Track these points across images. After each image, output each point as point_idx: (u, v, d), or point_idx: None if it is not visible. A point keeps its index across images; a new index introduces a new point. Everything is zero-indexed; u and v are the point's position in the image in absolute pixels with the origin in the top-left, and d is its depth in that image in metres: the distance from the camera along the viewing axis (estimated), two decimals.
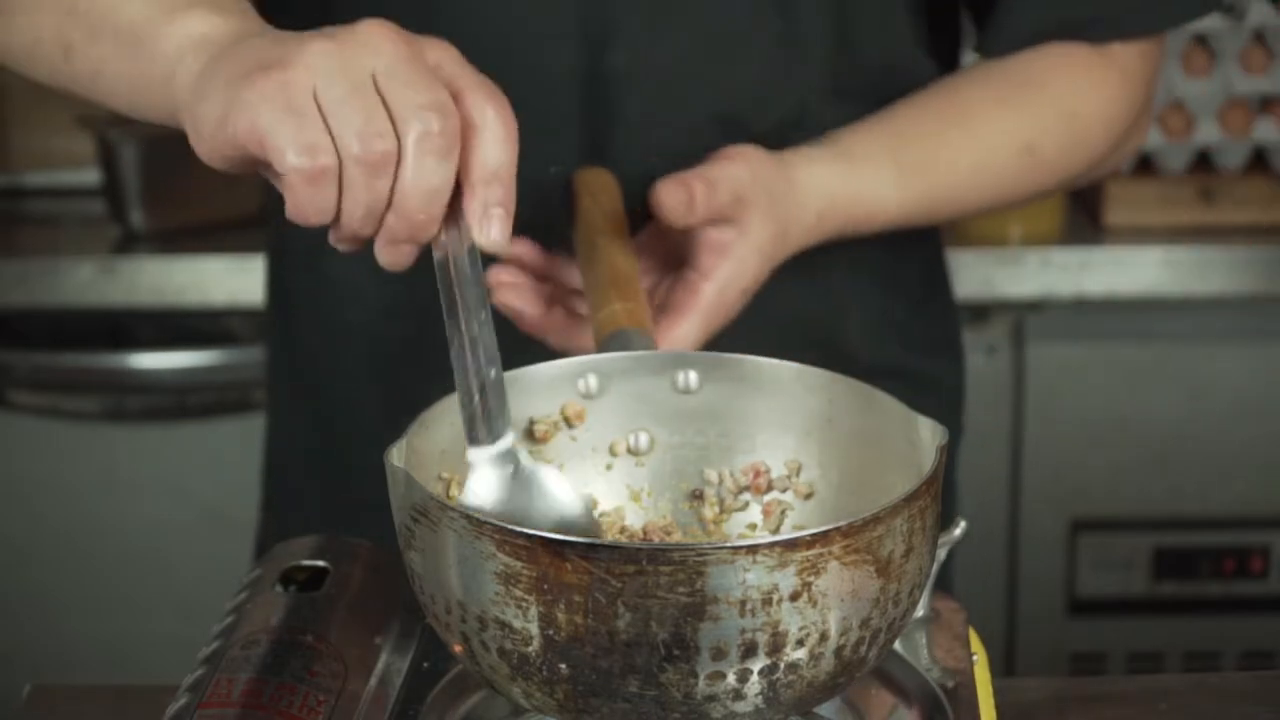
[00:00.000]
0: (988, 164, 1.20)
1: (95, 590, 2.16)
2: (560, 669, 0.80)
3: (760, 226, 1.08)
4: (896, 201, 1.16)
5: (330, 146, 0.85)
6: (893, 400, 0.91)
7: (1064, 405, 2.08)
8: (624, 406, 0.97)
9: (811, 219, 1.12)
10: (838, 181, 1.13)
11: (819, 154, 1.13)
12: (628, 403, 0.97)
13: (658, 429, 0.97)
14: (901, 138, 1.17)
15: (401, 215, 0.87)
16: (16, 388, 2.11)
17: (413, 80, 0.86)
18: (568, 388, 0.96)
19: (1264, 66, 2.05)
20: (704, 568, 0.77)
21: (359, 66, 0.85)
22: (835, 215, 1.14)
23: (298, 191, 0.85)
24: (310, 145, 0.84)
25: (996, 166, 1.20)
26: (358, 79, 0.85)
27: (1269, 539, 2.10)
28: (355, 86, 0.85)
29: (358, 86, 0.85)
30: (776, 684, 0.81)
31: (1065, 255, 2.01)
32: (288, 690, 0.88)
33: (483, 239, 0.86)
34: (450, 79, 0.87)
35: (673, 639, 0.79)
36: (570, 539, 0.78)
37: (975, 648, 0.97)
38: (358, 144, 0.84)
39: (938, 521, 0.86)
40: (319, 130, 0.85)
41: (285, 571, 0.98)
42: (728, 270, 1.07)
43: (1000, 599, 2.12)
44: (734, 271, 1.07)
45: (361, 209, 0.86)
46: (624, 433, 0.97)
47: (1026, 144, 1.20)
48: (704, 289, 1.07)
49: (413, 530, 0.84)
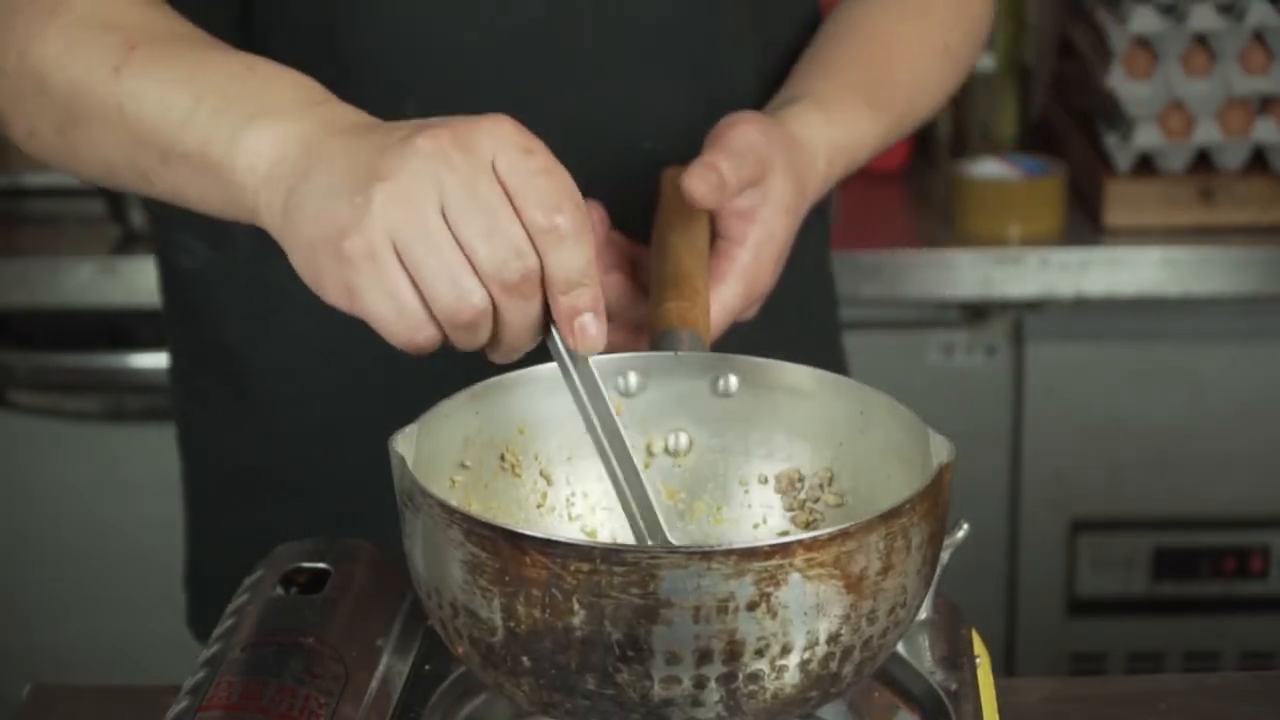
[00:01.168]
0: (923, 76, 1.24)
1: (95, 590, 2.16)
2: (523, 662, 0.81)
3: (782, 185, 1.08)
4: (873, 135, 1.19)
5: (428, 318, 0.87)
6: (910, 413, 0.91)
7: (1064, 405, 2.07)
8: (663, 406, 0.97)
9: (822, 168, 1.13)
10: (828, 130, 1.14)
11: (801, 108, 1.14)
12: (667, 403, 0.97)
13: (696, 430, 0.98)
14: (858, 74, 1.19)
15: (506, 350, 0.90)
16: (16, 388, 2.11)
17: (484, 226, 0.86)
18: (607, 384, 0.96)
19: (1264, 66, 2.05)
20: (657, 571, 0.78)
21: (430, 213, 0.86)
22: (837, 161, 1.15)
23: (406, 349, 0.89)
24: (412, 327, 0.87)
25: (929, 75, 1.24)
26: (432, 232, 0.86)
27: (1269, 539, 2.10)
28: (432, 244, 0.86)
29: (434, 243, 0.86)
30: (737, 693, 0.81)
31: (1065, 255, 2.01)
32: (288, 693, 0.88)
33: (578, 348, 0.89)
34: (514, 191, 0.87)
35: (626, 640, 0.79)
36: (528, 533, 0.79)
37: (978, 650, 0.97)
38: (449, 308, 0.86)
39: (934, 539, 0.85)
40: (414, 305, 0.87)
41: (286, 573, 0.98)
42: (759, 233, 1.07)
43: (1000, 599, 2.12)
44: (765, 233, 1.07)
45: (462, 348, 0.89)
46: (661, 432, 0.98)
47: (943, 45, 1.24)
48: (739, 255, 1.07)
49: (404, 515, 0.85)
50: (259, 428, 1.26)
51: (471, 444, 0.94)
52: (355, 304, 0.88)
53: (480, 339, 0.88)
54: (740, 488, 0.98)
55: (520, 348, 0.90)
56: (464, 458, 0.94)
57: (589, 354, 0.89)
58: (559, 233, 0.86)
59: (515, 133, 0.88)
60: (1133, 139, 2.06)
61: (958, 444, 0.86)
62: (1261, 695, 1.03)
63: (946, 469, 0.85)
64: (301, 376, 1.23)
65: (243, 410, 1.26)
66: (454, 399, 0.92)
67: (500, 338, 0.89)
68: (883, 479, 0.93)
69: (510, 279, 0.86)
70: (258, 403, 1.25)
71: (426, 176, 0.86)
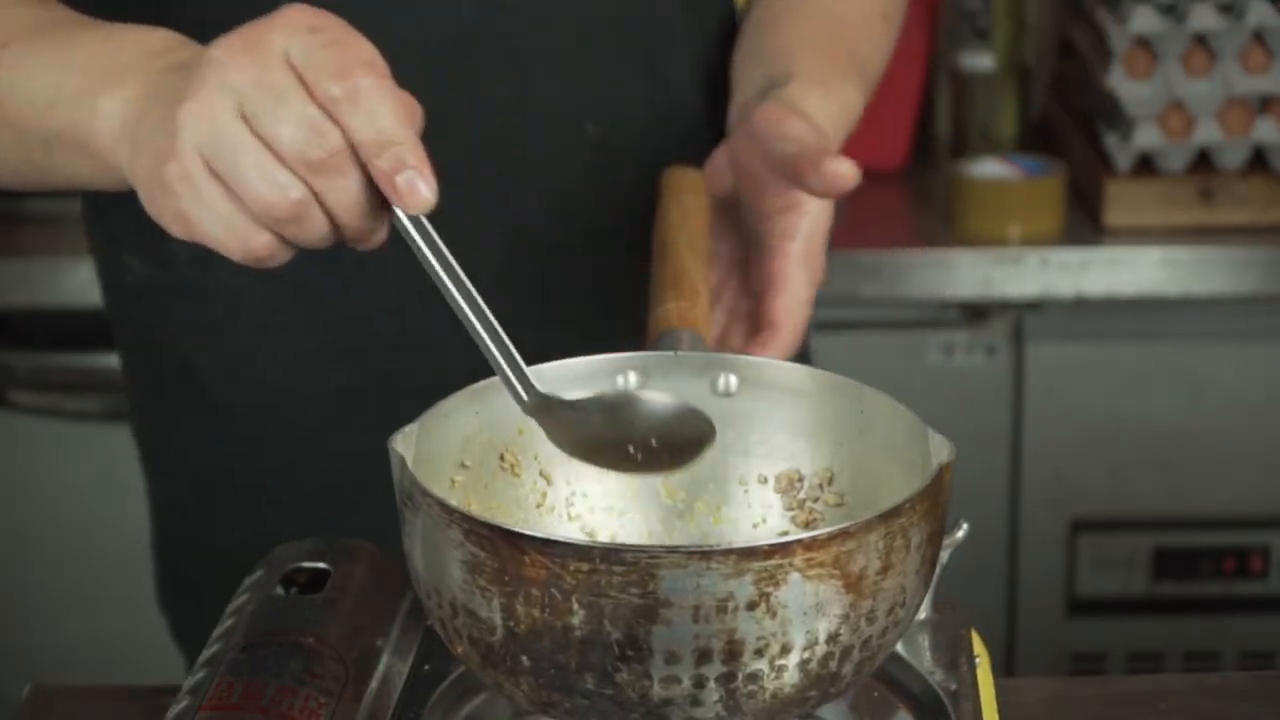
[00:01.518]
0: (877, 44, 1.26)
1: (95, 590, 2.16)
2: (522, 661, 0.81)
3: None
4: (858, 106, 1.20)
5: (254, 224, 0.86)
6: (910, 413, 0.91)
7: (1064, 405, 2.07)
8: None
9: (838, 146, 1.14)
10: (828, 105, 1.15)
11: (799, 88, 1.14)
12: None
13: None
14: (828, 50, 1.20)
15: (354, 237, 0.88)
16: (16, 388, 2.11)
17: (278, 114, 0.85)
18: (605, 384, 0.96)
19: (1264, 66, 2.05)
20: (656, 570, 0.78)
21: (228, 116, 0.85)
22: (840, 136, 1.16)
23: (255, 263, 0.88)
24: (242, 234, 0.86)
25: (880, 43, 1.27)
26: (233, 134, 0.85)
27: (1269, 539, 2.10)
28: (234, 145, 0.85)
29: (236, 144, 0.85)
30: (736, 693, 0.81)
31: (1065, 255, 2.01)
32: (288, 693, 0.88)
33: (407, 207, 0.86)
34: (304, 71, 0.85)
35: (626, 639, 0.79)
36: (527, 533, 0.79)
37: (978, 650, 0.97)
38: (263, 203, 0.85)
39: (933, 539, 0.85)
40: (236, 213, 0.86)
41: (286, 573, 0.98)
42: (807, 223, 1.07)
43: (1000, 599, 2.12)
44: (812, 221, 1.07)
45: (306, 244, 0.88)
46: None
47: (882, 12, 1.27)
48: (794, 249, 1.07)
49: (403, 515, 0.85)
50: (222, 439, 1.25)
51: (471, 444, 0.94)
52: (190, 230, 0.87)
53: (315, 232, 0.87)
54: (740, 487, 0.98)
55: (363, 231, 0.88)
56: (464, 458, 0.94)
57: (420, 212, 0.86)
58: (353, 97, 0.84)
59: (303, 15, 0.86)
60: (1133, 139, 2.06)
61: (958, 444, 0.86)
62: (1261, 695, 1.03)
63: (946, 469, 0.85)
64: (257, 384, 1.23)
65: (205, 423, 1.26)
66: (454, 399, 0.92)
67: (339, 224, 0.87)
68: (883, 479, 0.93)
69: (315, 157, 0.84)
70: (219, 414, 1.25)
71: (222, 85, 0.85)
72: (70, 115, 0.95)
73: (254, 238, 0.86)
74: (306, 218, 0.86)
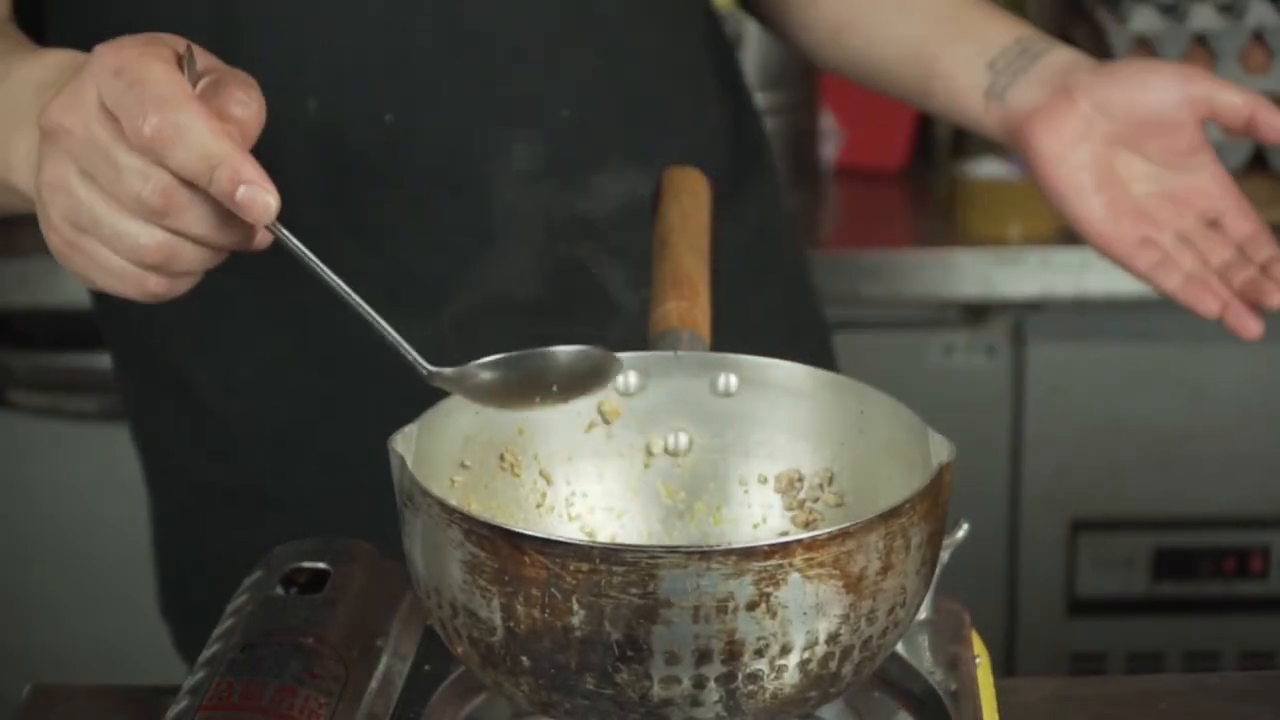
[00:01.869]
0: None
1: (95, 590, 2.16)
2: (522, 661, 0.81)
3: None
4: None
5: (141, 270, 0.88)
6: (910, 413, 0.91)
7: (1064, 405, 2.07)
8: (662, 406, 0.97)
9: None
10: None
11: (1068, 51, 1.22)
12: (666, 402, 0.97)
13: (696, 430, 0.98)
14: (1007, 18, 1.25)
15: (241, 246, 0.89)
16: (16, 388, 2.11)
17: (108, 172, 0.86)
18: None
19: (1264, 66, 2.05)
20: (656, 571, 0.78)
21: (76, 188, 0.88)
22: None
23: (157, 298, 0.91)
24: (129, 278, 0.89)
25: None
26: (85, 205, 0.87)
27: (1269, 539, 2.10)
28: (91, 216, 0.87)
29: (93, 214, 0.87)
30: (736, 693, 0.81)
31: (1065, 255, 2.00)
32: (288, 693, 0.88)
33: (256, 220, 0.86)
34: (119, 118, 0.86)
35: (626, 639, 0.79)
36: (527, 533, 0.79)
37: (978, 650, 0.97)
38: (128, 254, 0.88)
39: (933, 539, 0.85)
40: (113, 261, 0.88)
41: (286, 573, 0.98)
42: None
43: (1000, 599, 2.12)
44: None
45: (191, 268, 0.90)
46: (661, 432, 0.98)
47: None
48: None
49: (403, 515, 0.85)
50: (216, 442, 1.25)
51: (471, 444, 0.94)
52: (92, 284, 0.91)
53: (194, 261, 0.89)
54: (740, 487, 0.98)
55: (241, 242, 0.89)
56: (464, 458, 0.94)
57: (268, 219, 0.86)
58: (163, 133, 0.84)
59: (109, 58, 0.87)
60: None
61: (958, 444, 0.86)
62: (1261, 695, 1.03)
63: (946, 469, 0.85)
64: (247, 387, 1.23)
65: (199, 425, 1.26)
66: (454, 399, 0.92)
67: (211, 246, 0.89)
68: (883, 479, 0.93)
69: (155, 203, 0.86)
70: (212, 417, 1.25)
71: (60, 152, 0.88)
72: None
73: (146, 282, 0.89)
74: (177, 254, 0.88)
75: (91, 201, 0.87)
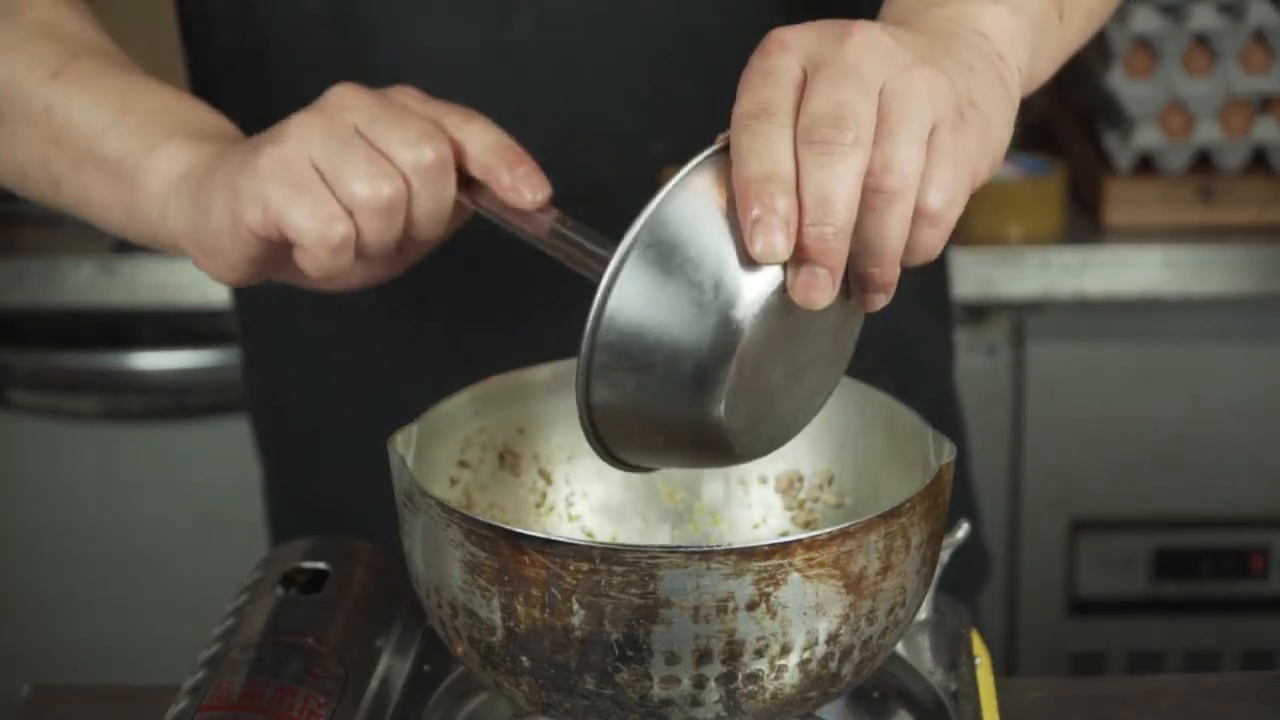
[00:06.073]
0: None
1: (95, 590, 2.16)
2: (522, 661, 0.81)
3: None
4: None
5: (344, 214, 0.89)
6: (910, 413, 0.91)
7: (1064, 405, 2.07)
8: None
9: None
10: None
11: None
12: None
13: None
14: None
15: (418, 242, 0.93)
16: (16, 388, 2.11)
17: (395, 122, 0.90)
18: None
19: (1264, 66, 2.05)
20: (656, 571, 0.78)
21: (343, 125, 0.90)
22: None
23: (321, 260, 0.90)
24: (328, 218, 0.89)
25: None
26: (346, 136, 0.89)
27: (1269, 539, 2.10)
28: (346, 143, 0.89)
29: (348, 142, 0.89)
30: (736, 693, 0.81)
31: (1065, 255, 2.01)
32: (288, 693, 0.88)
33: (529, 205, 0.91)
34: (425, 114, 0.92)
35: (626, 640, 0.79)
36: (527, 532, 0.79)
37: (978, 651, 0.97)
38: (367, 190, 0.88)
39: (933, 539, 0.85)
40: (329, 199, 0.89)
41: (286, 573, 0.98)
42: None
43: (1000, 599, 2.12)
44: None
45: (376, 248, 0.91)
46: None
47: None
48: None
49: (403, 515, 0.85)
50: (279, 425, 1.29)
51: (471, 444, 0.94)
52: (267, 213, 0.89)
53: (392, 231, 0.91)
54: (740, 488, 0.98)
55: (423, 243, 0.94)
56: (464, 458, 0.94)
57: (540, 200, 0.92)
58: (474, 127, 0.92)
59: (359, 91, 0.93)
60: (1133, 139, 2.06)
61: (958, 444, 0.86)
62: (1261, 695, 1.03)
63: (946, 469, 0.85)
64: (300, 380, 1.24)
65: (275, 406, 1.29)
66: (454, 399, 0.92)
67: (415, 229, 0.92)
68: (883, 479, 0.93)
69: (427, 160, 0.90)
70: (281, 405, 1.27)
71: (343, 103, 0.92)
72: (124, 146, 0.97)
73: (336, 225, 0.89)
74: (394, 214, 0.90)
75: (354, 140, 0.89)
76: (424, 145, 0.90)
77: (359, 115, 0.90)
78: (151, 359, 2.08)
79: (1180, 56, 2.06)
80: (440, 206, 0.91)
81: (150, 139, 0.97)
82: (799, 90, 0.78)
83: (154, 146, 0.96)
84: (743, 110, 0.78)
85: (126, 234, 1.01)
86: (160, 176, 0.96)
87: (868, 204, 0.76)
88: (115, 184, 0.97)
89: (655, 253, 0.75)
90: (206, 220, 0.92)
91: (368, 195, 0.89)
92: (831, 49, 0.78)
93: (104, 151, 0.98)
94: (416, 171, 0.90)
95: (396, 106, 0.92)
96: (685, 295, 0.75)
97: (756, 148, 0.76)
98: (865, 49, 0.78)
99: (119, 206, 0.98)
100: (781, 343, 0.78)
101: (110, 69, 1.02)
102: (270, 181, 0.89)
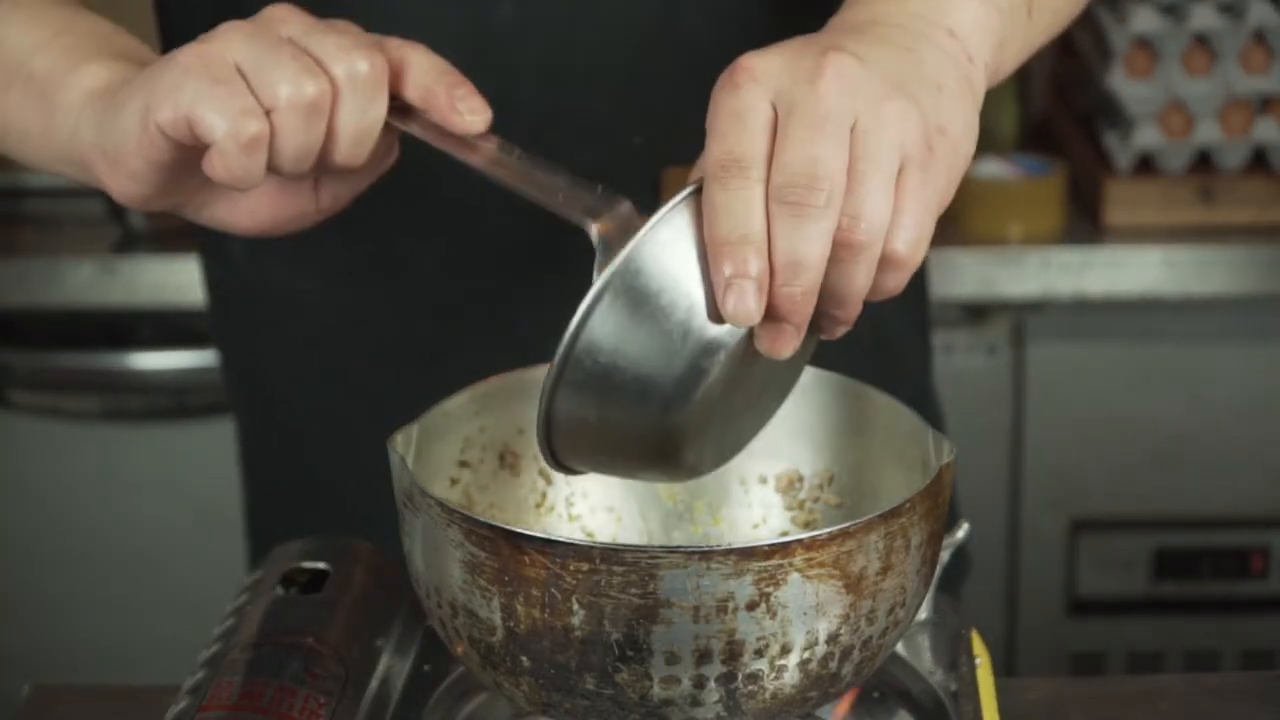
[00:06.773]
0: None
1: (95, 590, 2.16)
2: (522, 661, 0.81)
3: None
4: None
5: (260, 110, 0.84)
6: (910, 413, 0.91)
7: (1064, 405, 2.07)
8: None
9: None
10: None
11: None
12: None
13: None
14: None
15: (337, 168, 0.87)
16: (16, 388, 2.11)
17: (330, 32, 0.86)
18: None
19: (1264, 66, 2.05)
20: (656, 571, 0.78)
21: (273, 34, 0.86)
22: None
23: (231, 159, 0.84)
24: (241, 111, 0.84)
25: None
26: (275, 40, 0.85)
27: (1269, 539, 2.10)
28: (274, 46, 0.85)
29: (277, 46, 0.85)
30: (736, 693, 0.81)
31: (1065, 255, 2.01)
32: (288, 693, 0.88)
33: (469, 127, 0.87)
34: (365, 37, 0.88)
35: (626, 640, 0.79)
36: (527, 533, 0.79)
37: (978, 651, 0.97)
38: (288, 89, 0.84)
39: (933, 539, 0.85)
40: (245, 93, 0.84)
41: (286, 573, 0.98)
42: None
43: (1000, 599, 2.12)
44: None
45: (291, 154, 0.86)
46: None
47: None
48: None
49: (403, 515, 0.85)
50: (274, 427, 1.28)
51: (471, 444, 0.94)
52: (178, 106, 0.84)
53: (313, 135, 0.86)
54: (740, 487, 0.98)
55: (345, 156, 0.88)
56: (464, 458, 0.94)
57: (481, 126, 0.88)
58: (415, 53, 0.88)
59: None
60: (1133, 139, 2.06)
61: (958, 444, 0.86)
62: (1261, 695, 1.03)
63: (946, 469, 0.85)
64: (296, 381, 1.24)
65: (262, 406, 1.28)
66: (454, 399, 0.92)
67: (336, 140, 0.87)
68: (883, 479, 0.93)
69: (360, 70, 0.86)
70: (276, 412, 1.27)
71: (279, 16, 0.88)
72: (50, 65, 0.95)
73: (250, 121, 0.84)
74: (315, 117, 0.85)
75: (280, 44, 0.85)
76: (357, 55, 0.86)
77: (293, 28, 0.87)
78: (151, 359, 2.08)
79: (1180, 56, 2.06)
80: (367, 124, 0.87)
81: (77, 58, 0.94)
82: (770, 134, 0.78)
83: (78, 64, 0.93)
84: (714, 160, 0.78)
85: (41, 161, 0.97)
86: (80, 89, 0.93)
87: (835, 256, 0.77)
88: (38, 104, 0.95)
89: (629, 296, 0.77)
90: (115, 124, 0.89)
91: (289, 93, 0.84)
92: (803, 90, 0.78)
93: (31, 69, 0.95)
94: (347, 78, 0.85)
95: (337, 26, 0.88)
96: (656, 333, 0.78)
97: (730, 206, 0.76)
98: (836, 85, 0.78)
99: (37, 128, 0.96)
100: (742, 377, 0.81)
101: (53, 3, 1.00)
102: (187, 75, 0.84)
